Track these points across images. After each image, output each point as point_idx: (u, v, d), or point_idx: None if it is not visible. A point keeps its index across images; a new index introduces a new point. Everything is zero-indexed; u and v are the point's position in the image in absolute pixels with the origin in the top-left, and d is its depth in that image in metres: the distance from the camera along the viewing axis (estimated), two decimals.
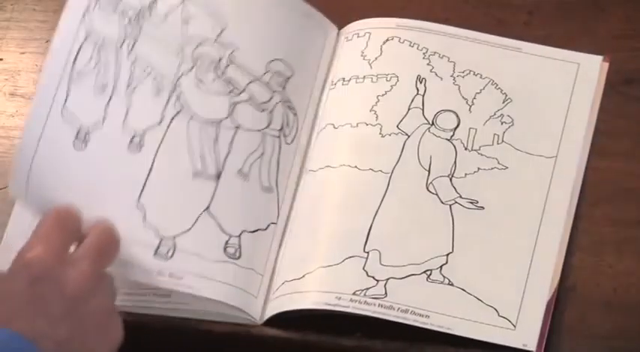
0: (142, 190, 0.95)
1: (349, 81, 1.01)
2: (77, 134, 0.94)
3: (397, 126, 0.99)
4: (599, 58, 1.00)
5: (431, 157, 0.97)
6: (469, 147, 0.97)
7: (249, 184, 0.98)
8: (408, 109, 0.99)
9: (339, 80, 1.02)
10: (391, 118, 0.99)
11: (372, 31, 1.03)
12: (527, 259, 0.92)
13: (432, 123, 0.99)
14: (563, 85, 0.99)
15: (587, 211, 0.94)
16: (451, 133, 0.98)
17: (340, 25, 1.06)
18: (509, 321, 0.90)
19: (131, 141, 0.96)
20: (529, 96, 0.99)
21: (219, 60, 1.01)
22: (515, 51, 1.01)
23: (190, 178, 0.97)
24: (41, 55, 1.12)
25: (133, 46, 0.98)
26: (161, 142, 0.97)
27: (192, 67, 1.00)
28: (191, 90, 0.99)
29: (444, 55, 1.01)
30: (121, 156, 0.95)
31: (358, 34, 1.04)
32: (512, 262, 0.93)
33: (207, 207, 0.96)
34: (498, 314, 0.91)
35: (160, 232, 0.94)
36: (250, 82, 1.01)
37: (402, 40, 1.02)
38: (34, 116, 0.93)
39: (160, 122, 0.97)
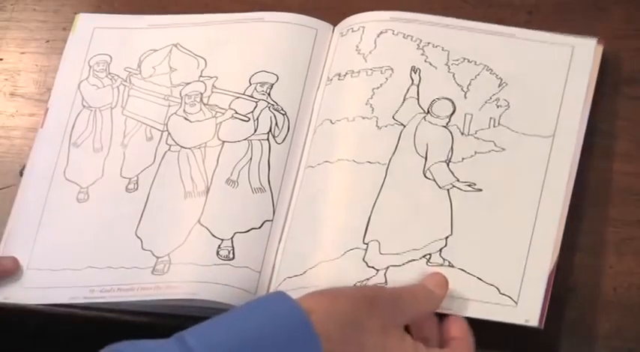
0: (138, 223, 1.00)
1: (345, 76, 1.02)
2: (79, 191, 1.03)
3: (393, 117, 0.99)
4: (594, 40, 0.99)
5: (427, 144, 0.97)
6: (465, 132, 0.97)
7: (238, 189, 0.99)
8: (404, 100, 0.99)
9: (334, 76, 1.02)
10: (387, 110, 0.99)
11: (365, 25, 1.03)
12: (526, 236, 0.92)
13: (428, 112, 0.99)
14: (559, 67, 0.98)
15: (587, 211, 0.94)
16: (447, 120, 0.98)
17: (338, 22, 1.06)
18: (511, 298, 0.90)
19: (128, 184, 1.02)
20: (524, 80, 0.98)
21: (204, 91, 1.04)
22: (509, 37, 1.01)
23: (182, 199, 1.00)
24: (41, 55, 1.12)
25: (125, 104, 1.06)
26: (154, 178, 1.02)
27: (180, 106, 1.04)
28: (179, 126, 1.04)
29: (437, 45, 1.01)
30: (120, 198, 1.02)
31: (352, 28, 1.04)
32: (511, 240, 0.92)
33: (199, 220, 0.99)
34: (499, 292, 0.90)
35: (155, 253, 0.98)
36: (233, 100, 1.03)
37: (395, 32, 1.02)
38: (38, 183, 1.03)
39: (153, 162, 1.02)
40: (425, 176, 0.96)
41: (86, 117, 1.06)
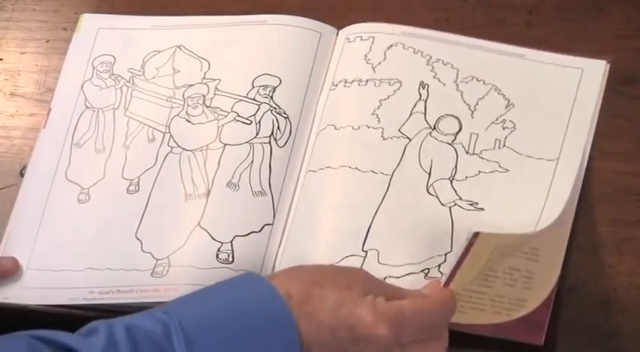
0: (139, 225, 1.00)
1: (351, 83, 1.01)
2: (80, 191, 1.03)
3: (399, 130, 0.99)
4: (603, 62, 0.98)
5: (432, 160, 0.97)
6: (470, 151, 0.97)
7: (239, 193, 0.99)
8: (410, 114, 0.99)
9: (340, 81, 1.02)
10: (393, 122, 0.99)
11: (375, 36, 1.03)
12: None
13: (434, 128, 0.99)
14: (567, 90, 0.97)
15: (587, 211, 0.94)
16: (453, 137, 0.98)
17: (340, 25, 1.05)
18: None
19: (129, 185, 1.02)
20: (532, 102, 0.98)
21: (207, 93, 1.04)
22: (519, 58, 1.00)
23: (183, 202, 1.00)
24: (41, 55, 1.12)
25: (128, 106, 1.05)
26: (155, 179, 1.02)
27: (183, 108, 1.04)
28: (181, 128, 1.03)
29: (447, 62, 1.01)
30: (121, 200, 1.01)
31: (361, 37, 1.04)
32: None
33: (199, 222, 0.98)
34: None
35: (155, 256, 0.98)
36: (235, 103, 1.02)
37: (406, 47, 1.02)
38: (39, 183, 1.03)
39: (155, 163, 1.02)
40: (428, 192, 0.96)
41: (89, 118, 1.06)
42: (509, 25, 1.03)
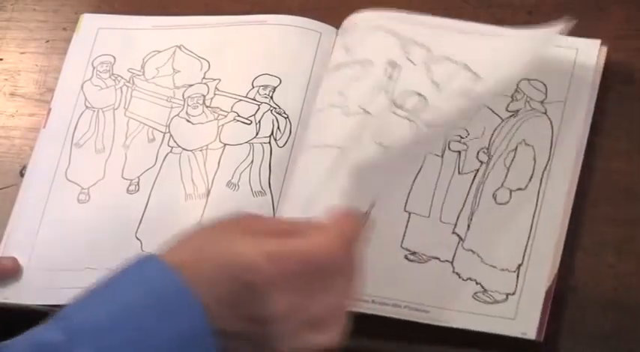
0: (138, 225, 1.00)
1: (331, 71, 1.01)
2: (80, 191, 1.03)
3: (360, 107, 0.97)
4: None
5: (391, 136, 0.94)
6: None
7: (239, 192, 0.99)
8: (375, 91, 0.98)
9: (326, 73, 1.02)
10: (357, 99, 0.98)
11: (358, 23, 1.03)
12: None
13: (398, 106, 0.97)
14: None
15: (587, 211, 0.94)
16: (416, 114, 0.97)
17: (339, 25, 1.06)
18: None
19: (129, 185, 1.02)
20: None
21: (206, 93, 1.04)
22: (508, 38, 0.99)
23: (182, 201, 1.00)
24: (41, 55, 1.12)
25: (128, 106, 1.05)
26: (155, 179, 1.02)
27: (183, 108, 1.04)
28: (181, 128, 1.03)
29: (423, 44, 1.00)
30: (121, 200, 1.01)
31: (347, 28, 1.04)
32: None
33: (199, 222, 0.98)
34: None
35: None
36: (235, 103, 1.02)
37: (384, 30, 1.01)
38: (39, 183, 1.03)
39: (155, 163, 1.02)
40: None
41: (89, 118, 1.06)
42: (509, 25, 1.02)
